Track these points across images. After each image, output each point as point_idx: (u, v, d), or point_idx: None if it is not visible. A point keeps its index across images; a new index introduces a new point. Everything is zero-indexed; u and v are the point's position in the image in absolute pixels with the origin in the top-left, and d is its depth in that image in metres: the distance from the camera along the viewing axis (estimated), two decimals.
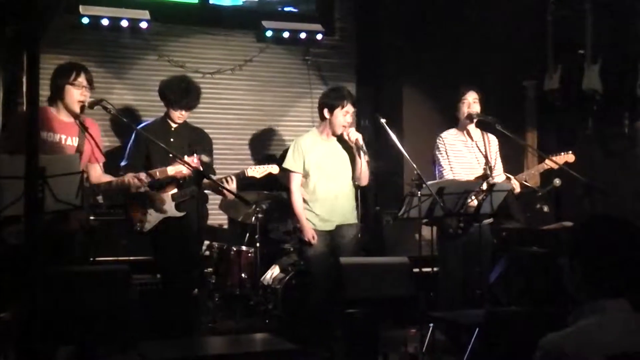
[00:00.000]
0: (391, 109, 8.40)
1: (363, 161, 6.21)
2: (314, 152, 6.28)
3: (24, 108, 5.40)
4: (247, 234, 7.42)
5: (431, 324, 5.72)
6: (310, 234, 6.21)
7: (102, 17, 7.68)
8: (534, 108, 8.24)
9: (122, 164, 6.16)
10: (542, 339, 2.56)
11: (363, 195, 6.52)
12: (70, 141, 5.48)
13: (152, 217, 6.11)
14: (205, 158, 6.08)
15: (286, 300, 6.75)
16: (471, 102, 6.30)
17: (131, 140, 6.25)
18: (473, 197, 5.89)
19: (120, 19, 7.74)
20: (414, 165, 5.93)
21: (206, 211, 7.31)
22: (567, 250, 2.72)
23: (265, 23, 8.44)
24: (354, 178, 6.32)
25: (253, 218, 7.17)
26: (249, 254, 7.14)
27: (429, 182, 5.81)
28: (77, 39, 7.74)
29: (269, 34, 8.44)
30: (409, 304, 5.63)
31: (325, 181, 6.27)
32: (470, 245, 6.12)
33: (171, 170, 5.86)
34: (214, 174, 6.33)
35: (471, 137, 6.40)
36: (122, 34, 7.92)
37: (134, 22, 7.80)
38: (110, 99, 6.70)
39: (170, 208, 6.15)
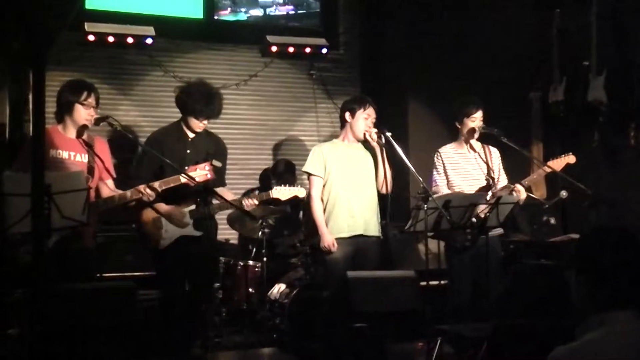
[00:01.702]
0: (396, 122, 8.39)
1: (386, 164, 6.13)
2: (335, 158, 6.17)
3: (30, 125, 5.40)
4: (254, 249, 7.42)
5: (439, 337, 5.70)
6: (329, 241, 6.00)
7: (108, 34, 7.73)
8: (539, 120, 8.22)
9: (136, 170, 5.93)
10: (550, 353, 2.55)
11: None
12: (80, 158, 5.47)
13: (169, 234, 5.81)
14: (216, 163, 5.80)
15: (293, 314, 6.72)
16: (478, 120, 6.28)
17: (140, 151, 6.08)
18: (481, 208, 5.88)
19: (126, 35, 7.80)
20: (420, 179, 5.93)
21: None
22: (574, 262, 2.72)
23: (269, 38, 8.49)
24: (377, 187, 6.24)
25: (260, 233, 7.17)
26: (256, 269, 7.13)
27: (435, 195, 5.81)
28: (83, 55, 7.80)
29: (273, 48, 8.49)
30: (416, 317, 5.61)
31: (347, 188, 6.13)
32: (479, 258, 6.10)
33: (184, 179, 5.48)
34: (224, 184, 6.20)
35: (473, 150, 6.39)
36: (127, 51, 7.96)
37: (139, 38, 7.85)
38: (116, 115, 6.73)
39: (188, 226, 5.84)
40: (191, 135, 5.96)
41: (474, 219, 5.89)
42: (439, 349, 5.70)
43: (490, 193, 6.08)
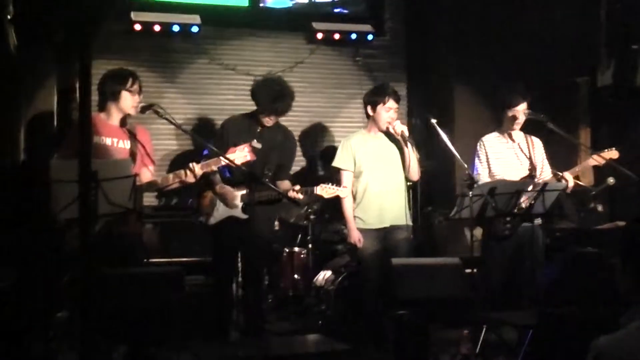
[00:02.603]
0: (442, 108, 8.35)
1: (411, 152, 6.17)
2: (364, 150, 6.27)
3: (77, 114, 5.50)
4: (300, 235, 7.44)
5: (484, 325, 5.67)
6: (356, 237, 6.19)
7: (154, 23, 7.77)
8: (587, 105, 8.11)
9: (204, 153, 6.00)
10: (593, 342, 2.53)
11: (414, 195, 6.50)
12: (122, 144, 5.55)
13: (219, 213, 6.04)
14: (256, 144, 5.94)
15: (339, 301, 6.73)
16: (522, 113, 6.22)
17: (217, 132, 6.29)
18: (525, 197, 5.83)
19: (172, 24, 7.82)
20: (465, 165, 5.91)
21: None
22: (619, 250, 2.69)
23: (315, 24, 8.46)
24: (405, 175, 6.28)
25: (305, 219, 7.20)
26: (302, 255, 7.18)
27: (480, 182, 5.77)
28: (129, 44, 7.85)
29: (319, 35, 8.46)
30: (461, 304, 5.58)
31: (377, 178, 6.23)
32: (521, 247, 6.07)
33: (225, 159, 5.64)
34: (288, 178, 6.29)
35: (513, 140, 6.34)
36: (173, 39, 8.02)
37: (185, 26, 7.87)
38: (162, 103, 6.75)
39: (237, 207, 6.03)
40: (261, 127, 6.15)
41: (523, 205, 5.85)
42: (484, 337, 5.68)
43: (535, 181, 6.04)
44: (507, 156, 6.29)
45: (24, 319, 5.42)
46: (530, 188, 5.93)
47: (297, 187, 5.98)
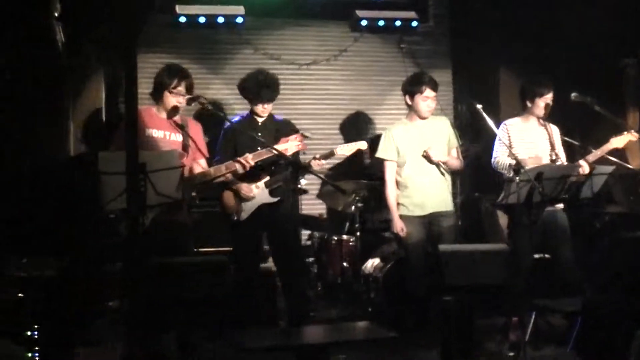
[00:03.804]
0: (487, 94, 8.31)
1: (453, 161, 6.33)
2: (406, 139, 6.30)
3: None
4: (347, 223, 7.47)
5: (533, 312, 5.65)
6: (399, 227, 6.24)
7: (199, 15, 7.87)
8: (634, 87, 7.98)
9: (215, 159, 6.14)
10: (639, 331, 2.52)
11: (462, 181, 6.51)
12: (175, 137, 5.62)
13: (247, 206, 6.12)
14: (306, 134, 6.10)
15: (387, 288, 6.75)
16: (547, 101, 6.18)
17: (220, 138, 6.30)
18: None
19: (216, 15, 7.92)
20: (512, 151, 5.88)
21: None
22: None
23: (359, 12, 8.47)
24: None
25: (352, 207, 7.22)
26: (350, 243, 7.20)
27: (528, 167, 5.73)
28: (174, 37, 7.95)
29: (363, 23, 8.48)
30: (509, 291, 5.56)
31: (419, 166, 6.27)
32: (549, 232, 6.09)
33: (278, 148, 5.81)
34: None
35: (537, 125, 6.29)
36: (218, 30, 8.08)
37: (229, 18, 7.95)
38: (207, 94, 6.90)
39: (264, 195, 6.14)
40: (260, 119, 6.27)
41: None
42: (534, 324, 5.66)
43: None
44: (532, 140, 6.25)
45: (76, 306, 5.53)
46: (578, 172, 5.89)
47: (317, 156, 6.12)
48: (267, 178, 6.13)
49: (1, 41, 6.12)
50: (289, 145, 5.84)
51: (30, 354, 5.18)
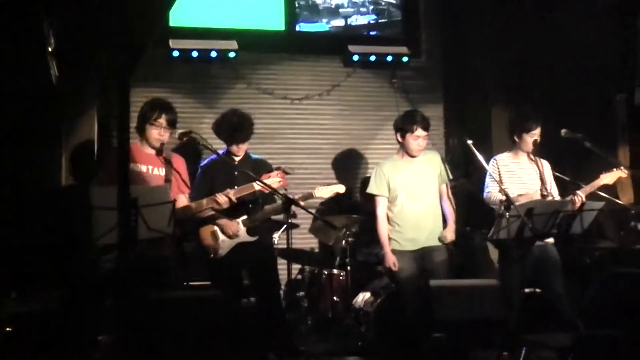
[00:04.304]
0: (479, 129, 8.36)
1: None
2: (397, 174, 6.36)
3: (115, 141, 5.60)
4: (338, 258, 7.46)
5: (523, 347, 5.64)
6: (391, 261, 6.29)
7: (192, 50, 7.91)
8: (626, 123, 8.04)
9: (191, 196, 6.09)
10: None
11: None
12: (157, 171, 5.66)
13: (225, 244, 6.18)
14: (288, 170, 6.14)
15: (378, 323, 6.73)
16: (535, 136, 6.23)
17: (198, 174, 6.33)
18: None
19: (209, 50, 7.96)
20: (502, 186, 5.92)
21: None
22: None
23: (351, 47, 8.52)
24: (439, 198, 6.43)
25: (344, 242, 7.22)
26: (341, 277, 7.19)
27: (518, 203, 5.76)
28: (168, 71, 8.00)
29: (355, 58, 8.53)
30: (500, 326, 5.56)
31: (412, 201, 6.34)
32: (539, 266, 6.12)
33: (257, 186, 5.90)
34: (274, 201, 6.33)
35: (527, 160, 6.34)
36: (211, 65, 8.13)
37: (222, 52, 7.99)
38: (201, 128, 6.91)
39: (242, 233, 6.20)
40: (236, 158, 6.30)
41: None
42: (524, 359, 5.64)
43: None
44: (520, 175, 6.30)
45: (70, 340, 5.50)
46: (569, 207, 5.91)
47: (297, 197, 6.11)
48: (245, 217, 6.19)
49: None
50: (270, 182, 5.88)
51: None
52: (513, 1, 8.28)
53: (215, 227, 6.18)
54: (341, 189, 6.46)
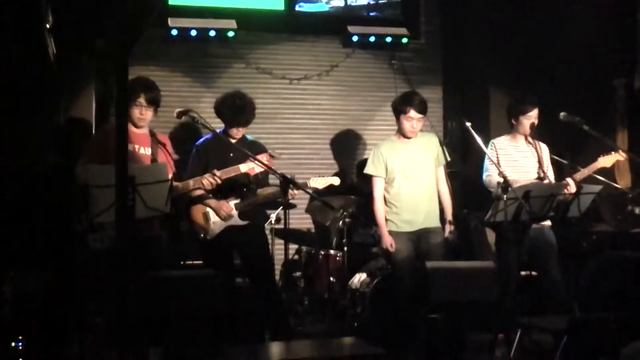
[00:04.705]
0: (478, 111, 8.35)
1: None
2: (395, 156, 6.37)
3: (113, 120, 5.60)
4: (335, 238, 7.47)
5: (519, 329, 5.67)
6: (388, 242, 6.30)
7: (191, 29, 7.88)
8: (624, 107, 8.03)
9: (185, 175, 6.15)
10: (624, 348, 2.53)
11: (452, 198, 6.54)
12: (144, 150, 5.67)
13: (216, 226, 6.17)
14: (274, 153, 6.14)
15: (374, 304, 6.75)
16: (532, 119, 6.23)
17: (192, 153, 6.31)
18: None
19: (208, 29, 7.93)
20: (500, 169, 5.92)
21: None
22: None
23: (351, 28, 8.49)
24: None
25: (340, 222, 7.23)
26: (337, 258, 7.19)
27: (516, 186, 5.77)
28: (166, 50, 7.97)
29: (354, 39, 8.50)
30: (496, 308, 5.59)
31: (409, 182, 6.34)
32: (535, 249, 6.15)
33: (244, 167, 5.92)
34: (267, 184, 6.36)
35: (525, 144, 6.34)
36: (210, 44, 8.10)
37: (221, 31, 7.96)
38: (199, 107, 6.89)
39: (234, 216, 6.19)
40: (232, 140, 6.26)
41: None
42: (519, 341, 5.67)
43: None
44: (518, 159, 6.32)
45: (63, 321, 5.52)
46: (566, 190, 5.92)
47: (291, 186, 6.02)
48: (237, 200, 6.20)
49: None
50: (254, 165, 5.90)
51: None
52: None
53: (208, 209, 6.17)
54: (336, 181, 6.44)
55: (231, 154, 6.15)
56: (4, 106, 6.32)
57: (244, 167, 5.94)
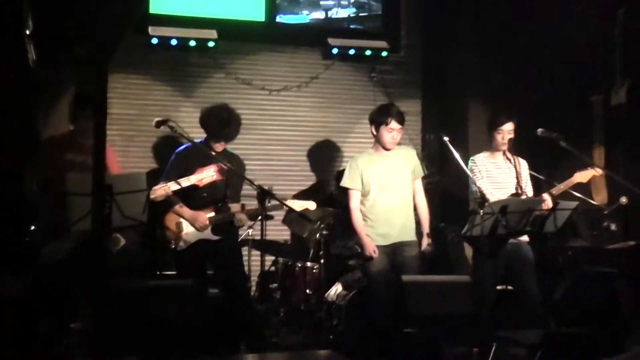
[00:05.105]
0: (457, 125, 8.38)
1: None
2: (371, 168, 6.37)
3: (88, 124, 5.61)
4: (312, 250, 7.47)
5: (494, 343, 5.67)
6: (371, 249, 6.27)
7: (171, 38, 7.85)
8: (602, 123, 8.08)
9: (161, 181, 6.10)
10: None
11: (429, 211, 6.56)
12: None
13: (189, 237, 6.16)
14: (227, 164, 6.05)
15: (350, 316, 6.75)
16: (506, 133, 6.26)
17: (171, 160, 6.28)
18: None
19: (189, 39, 7.90)
20: (477, 183, 5.95)
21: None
22: (625, 271, 2.71)
23: (331, 40, 8.51)
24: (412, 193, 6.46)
25: (318, 234, 7.23)
26: (314, 270, 7.19)
27: (492, 201, 5.79)
28: (146, 58, 7.94)
29: (334, 51, 8.51)
30: (471, 322, 5.59)
31: (384, 195, 6.35)
32: (512, 264, 6.15)
33: (193, 178, 5.84)
34: (239, 201, 6.35)
35: (503, 160, 6.37)
36: (190, 53, 8.09)
37: (201, 41, 7.95)
38: (178, 116, 6.89)
39: (206, 231, 6.17)
40: (213, 153, 6.20)
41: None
42: (494, 355, 5.68)
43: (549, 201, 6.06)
44: (496, 175, 6.34)
45: (39, 327, 5.48)
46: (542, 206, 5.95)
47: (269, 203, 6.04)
48: (212, 214, 6.18)
49: None
50: (204, 175, 5.85)
51: None
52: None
53: (181, 219, 6.15)
54: (312, 205, 6.39)
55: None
56: None
57: (193, 179, 5.84)
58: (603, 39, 7.87)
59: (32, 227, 5.38)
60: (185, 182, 5.84)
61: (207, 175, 5.84)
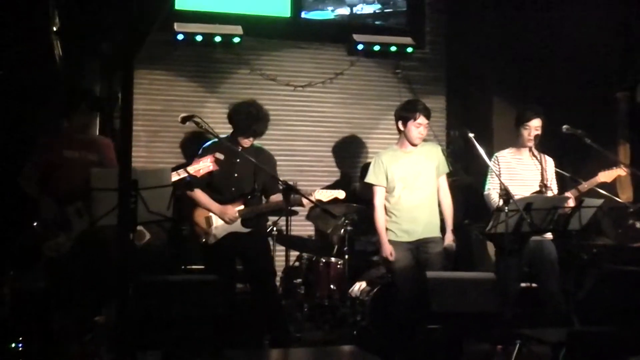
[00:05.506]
0: (481, 122, 8.37)
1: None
2: (396, 165, 6.35)
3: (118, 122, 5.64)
4: (336, 246, 7.48)
5: (518, 341, 5.66)
6: (387, 251, 6.28)
7: (196, 34, 7.89)
8: (627, 120, 8.03)
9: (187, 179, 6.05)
10: None
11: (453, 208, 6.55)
12: (91, 156, 5.68)
13: (218, 231, 6.18)
14: (219, 155, 6.06)
15: (374, 312, 6.75)
16: (533, 129, 6.23)
17: (198, 155, 6.21)
18: None
19: (214, 35, 7.94)
20: (501, 180, 5.92)
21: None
22: None
23: (356, 36, 8.51)
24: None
25: (342, 230, 7.24)
26: (338, 266, 7.20)
27: (517, 197, 5.77)
28: (172, 54, 7.99)
29: (359, 47, 8.52)
30: (494, 319, 5.58)
31: (409, 192, 6.32)
32: (535, 261, 6.15)
33: (190, 169, 5.77)
34: (279, 190, 6.22)
35: (529, 156, 6.34)
36: (215, 49, 8.12)
37: (226, 37, 7.98)
38: (203, 112, 6.92)
39: (236, 224, 6.18)
40: (240, 148, 6.22)
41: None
42: (518, 352, 5.66)
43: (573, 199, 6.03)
44: (521, 172, 6.32)
45: (62, 320, 5.53)
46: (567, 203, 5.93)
47: (297, 196, 6.01)
48: (242, 207, 6.19)
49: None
50: (201, 166, 5.82)
51: None
52: None
53: (211, 213, 6.18)
54: (341, 194, 6.37)
55: (238, 160, 6.17)
56: (8, 107, 6.33)
57: (191, 169, 5.79)
58: (628, 34, 7.81)
59: (35, 224, 5.40)
60: (183, 173, 5.79)
61: (203, 166, 5.80)
